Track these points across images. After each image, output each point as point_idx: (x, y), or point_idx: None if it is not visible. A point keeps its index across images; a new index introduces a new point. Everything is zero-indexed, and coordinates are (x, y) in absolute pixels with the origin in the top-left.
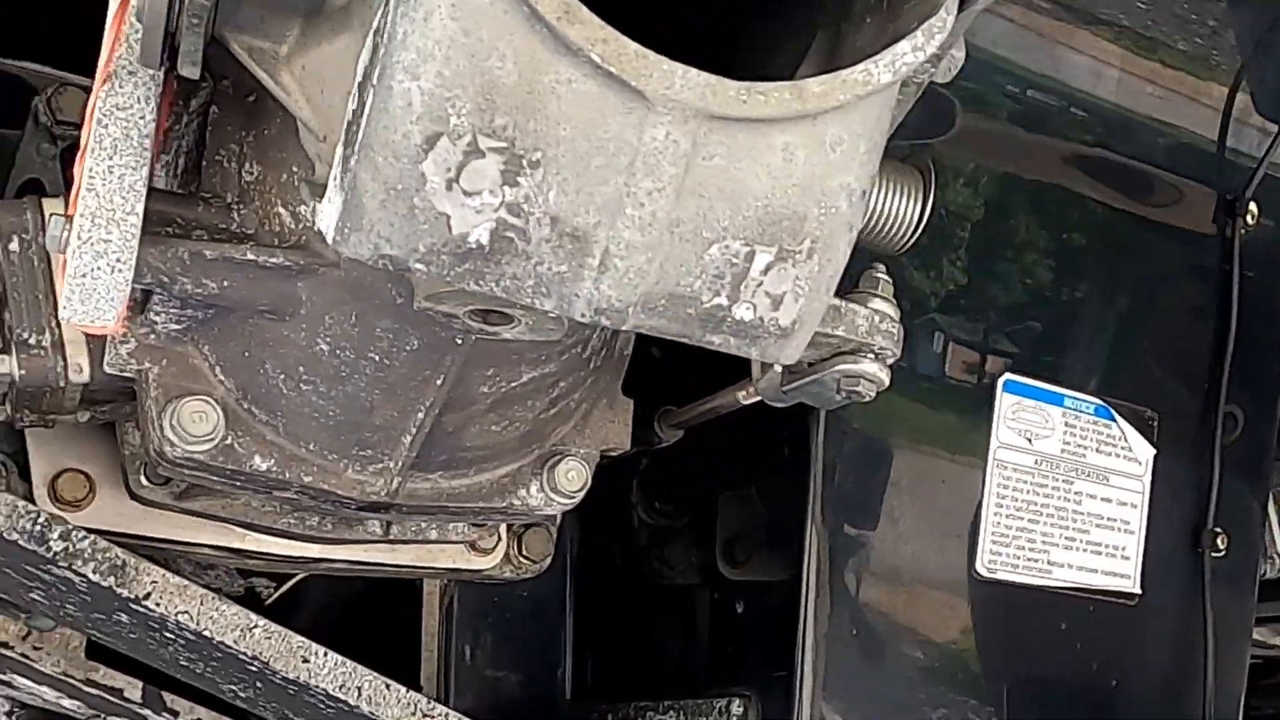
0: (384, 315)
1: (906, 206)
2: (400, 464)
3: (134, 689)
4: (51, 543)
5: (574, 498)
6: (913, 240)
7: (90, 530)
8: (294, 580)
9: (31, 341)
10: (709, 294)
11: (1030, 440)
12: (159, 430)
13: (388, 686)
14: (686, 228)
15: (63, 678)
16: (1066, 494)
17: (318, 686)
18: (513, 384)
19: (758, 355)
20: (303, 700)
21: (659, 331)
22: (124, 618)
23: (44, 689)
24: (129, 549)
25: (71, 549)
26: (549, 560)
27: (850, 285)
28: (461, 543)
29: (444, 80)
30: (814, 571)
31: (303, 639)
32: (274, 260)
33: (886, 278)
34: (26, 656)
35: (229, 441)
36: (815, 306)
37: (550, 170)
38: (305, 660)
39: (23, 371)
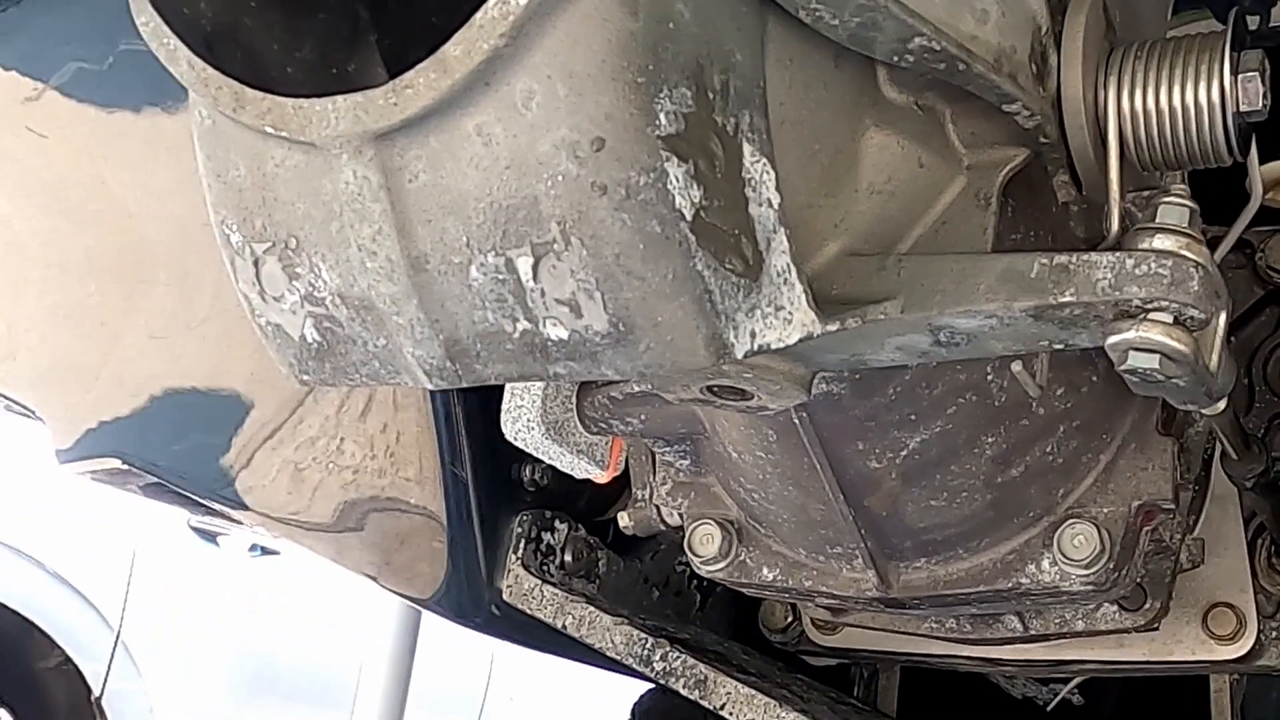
0: (737, 414)
1: (1194, 92)
2: (866, 557)
3: None
4: (655, 663)
5: (1090, 568)
6: (1230, 135)
7: (843, 649)
8: (1071, 685)
9: (639, 498)
10: (509, 322)
11: None
12: (689, 558)
13: None
14: (435, 259)
15: None
16: None
17: None
18: (902, 454)
19: (614, 374)
20: None
21: (510, 378)
22: None
23: None
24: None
25: (668, 668)
26: None
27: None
28: (1116, 631)
29: (215, 207)
30: None
31: None
32: None
33: (1180, 202)
34: None
35: (741, 557)
36: (632, 295)
37: (310, 250)
38: None
39: (632, 523)
